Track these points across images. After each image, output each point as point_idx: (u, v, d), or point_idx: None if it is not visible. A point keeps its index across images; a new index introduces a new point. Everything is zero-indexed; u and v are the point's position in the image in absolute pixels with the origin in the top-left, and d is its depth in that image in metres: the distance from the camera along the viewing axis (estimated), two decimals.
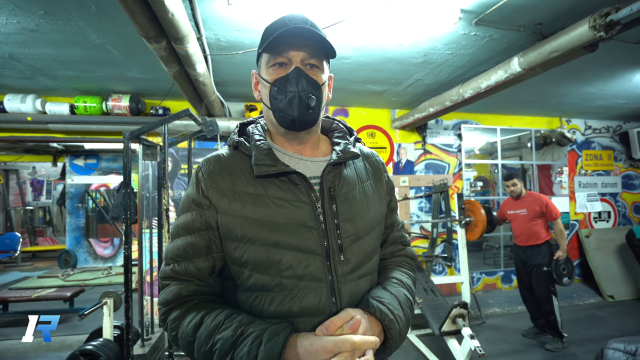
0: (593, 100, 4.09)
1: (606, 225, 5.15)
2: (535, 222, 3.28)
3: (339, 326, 0.63)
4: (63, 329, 3.70)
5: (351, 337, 0.60)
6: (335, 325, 0.63)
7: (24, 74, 2.94)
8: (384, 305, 0.70)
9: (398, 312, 0.71)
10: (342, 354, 0.59)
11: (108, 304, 2.52)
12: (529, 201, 3.35)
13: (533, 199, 3.34)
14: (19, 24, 2.08)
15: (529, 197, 3.38)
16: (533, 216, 3.29)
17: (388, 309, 0.70)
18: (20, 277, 6.09)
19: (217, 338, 0.64)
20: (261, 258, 0.69)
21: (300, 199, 0.72)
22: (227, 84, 3.21)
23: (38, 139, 3.82)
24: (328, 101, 0.82)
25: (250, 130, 0.82)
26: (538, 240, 3.29)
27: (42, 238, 8.28)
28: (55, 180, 8.55)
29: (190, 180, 0.78)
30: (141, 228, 2.84)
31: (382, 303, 0.70)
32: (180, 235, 0.74)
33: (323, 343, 0.60)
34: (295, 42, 0.71)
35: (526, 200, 3.37)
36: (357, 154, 0.79)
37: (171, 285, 0.73)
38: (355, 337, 0.60)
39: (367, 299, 0.71)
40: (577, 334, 3.52)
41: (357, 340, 0.60)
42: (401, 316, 0.71)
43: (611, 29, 1.73)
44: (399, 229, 0.91)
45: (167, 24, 1.58)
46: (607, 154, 5.22)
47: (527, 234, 3.33)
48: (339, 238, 0.72)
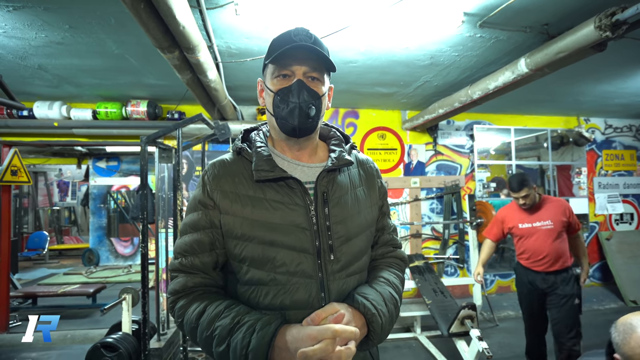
0: (612, 98, 3.97)
1: (629, 227, 4.96)
2: (563, 238, 2.49)
3: (323, 317, 0.69)
4: (87, 323, 3.91)
5: (332, 326, 0.65)
6: (320, 317, 0.68)
7: (51, 83, 3.14)
8: (368, 301, 0.75)
9: (381, 308, 0.76)
10: (324, 340, 0.64)
11: (127, 299, 2.66)
12: (552, 208, 2.49)
13: (556, 206, 2.50)
14: (47, 37, 2.25)
15: (549, 203, 2.52)
16: (561, 229, 2.46)
17: (371, 304, 0.75)
18: (48, 273, 6.42)
19: (217, 325, 0.70)
20: (258, 255, 0.76)
21: (295, 202, 0.78)
22: (238, 88, 3.32)
23: (64, 143, 4.06)
24: (327, 110, 0.88)
25: (252, 136, 0.88)
26: (567, 262, 2.48)
27: (68, 237, 8.68)
28: (79, 182, 8.96)
29: (198, 183, 0.85)
30: (157, 227, 2.98)
31: (367, 299, 0.76)
32: (188, 232, 0.81)
33: (308, 331, 0.66)
34: (298, 57, 0.77)
35: (548, 208, 2.50)
36: (350, 162, 0.85)
37: (179, 277, 0.80)
38: (336, 325, 0.66)
39: (353, 294, 0.77)
40: (598, 339, 3.41)
41: (337, 328, 0.65)
42: (384, 311, 0.76)
43: (617, 28, 1.71)
44: (390, 232, 0.96)
45: (178, 36, 1.68)
46: (630, 153, 5.03)
47: (556, 254, 2.45)
48: (330, 239, 0.78)
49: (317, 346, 0.63)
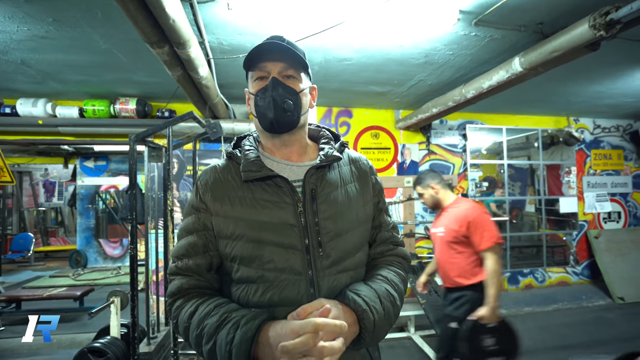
0: (601, 99, 4.02)
1: (616, 225, 5.05)
2: (459, 251, 2.06)
3: (309, 312, 0.67)
4: (73, 327, 3.80)
5: (314, 319, 0.63)
6: (306, 312, 0.67)
7: (35, 79, 3.04)
8: (359, 297, 0.74)
9: (374, 304, 0.74)
10: (305, 334, 0.61)
11: (115, 302, 2.59)
12: (452, 215, 2.10)
13: (457, 212, 2.08)
14: (29, 31, 2.16)
15: (456, 208, 2.12)
16: (450, 239, 2.07)
17: (363, 300, 0.73)
18: (33, 276, 6.25)
19: (205, 323, 0.71)
20: (247, 253, 0.77)
21: (283, 200, 0.79)
22: (230, 86, 3.26)
23: (49, 141, 3.93)
24: (311, 108, 0.89)
25: (243, 142, 0.90)
26: (460, 281, 2.07)
27: (54, 238, 8.47)
28: (66, 182, 8.76)
29: (193, 189, 0.89)
30: (147, 228, 2.90)
31: (358, 295, 0.74)
32: (183, 236, 0.84)
33: (290, 326, 0.64)
34: (270, 57, 0.80)
35: (450, 213, 2.13)
36: (338, 157, 0.86)
37: (175, 280, 0.82)
38: (318, 319, 0.63)
39: (345, 291, 0.76)
40: (586, 336, 3.48)
41: (319, 321, 0.62)
42: (378, 308, 0.74)
43: (611, 28, 1.71)
44: (388, 229, 0.94)
45: (168, 30, 1.62)
46: (617, 153, 5.12)
47: (443, 268, 2.15)
48: (319, 235, 0.78)
49: (298, 340, 0.61)
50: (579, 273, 4.89)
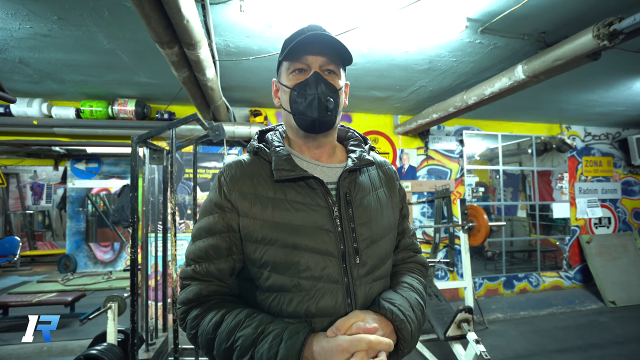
0: (593, 107, 4.14)
1: (607, 231, 5.18)
2: None
3: (348, 326, 0.65)
4: (64, 333, 3.67)
5: (367, 336, 0.62)
6: (345, 326, 0.65)
7: (32, 78, 2.96)
8: (395, 307, 0.71)
9: (409, 314, 0.72)
10: (358, 353, 0.60)
11: (112, 308, 2.52)
12: None
13: None
14: (32, 29, 2.11)
15: None
16: None
17: (399, 309, 0.71)
18: (20, 281, 6.04)
19: (238, 335, 0.66)
20: (280, 259, 0.72)
21: (317, 202, 0.75)
22: (233, 89, 3.24)
23: (43, 142, 3.83)
24: (345, 107, 0.85)
25: (269, 137, 0.85)
26: None
27: (41, 242, 8.22)
28: (55, 184, 8.53)
29: (212, 185, 0.81)
30: (147, 232, 2.84)
31: (393, 304, 0.72)
32: (202, 237, 0.76)
33: (339, 342, 0.62)
34: (313, 49, 0.75)
35: None
36: (371, 162, 0.83)
37: (192, 285, 0.75)
38: (371, 336, 0.62)
39: (379, 300, 0.73)
40: (580, 340, 3.53)
41: (372, 339, 0.61)
42: (412, 317, 0.72)
43: (614, 38, 1.77)
44: (410, 235, 0.93)
45: (181, 30, 1.61)
46: (607, 160, 5.27)
47: None
48: (355, 241, 0.75)
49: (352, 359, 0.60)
50: (572, 277, 4.98)
